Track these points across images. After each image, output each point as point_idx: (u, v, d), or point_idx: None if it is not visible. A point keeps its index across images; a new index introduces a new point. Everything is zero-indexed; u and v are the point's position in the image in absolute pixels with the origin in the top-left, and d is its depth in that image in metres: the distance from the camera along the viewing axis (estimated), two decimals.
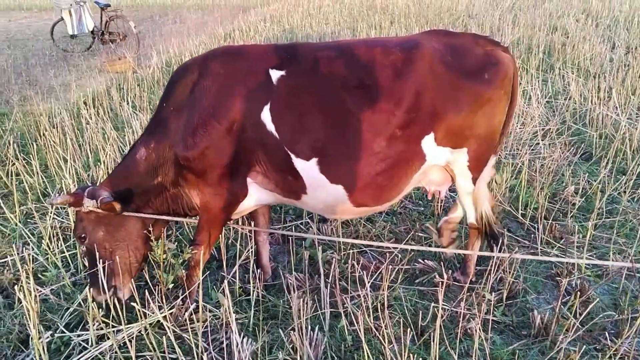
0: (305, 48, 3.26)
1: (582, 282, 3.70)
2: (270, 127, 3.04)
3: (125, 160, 3.38)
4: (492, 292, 3.62)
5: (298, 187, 3.20)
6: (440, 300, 2.97)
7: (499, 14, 14.14)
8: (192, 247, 3.38)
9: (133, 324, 3.24)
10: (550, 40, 10.80)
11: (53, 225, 4.42)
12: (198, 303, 3.22)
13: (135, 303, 3.10)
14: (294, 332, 3.11)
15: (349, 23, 14.39)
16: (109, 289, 3.29)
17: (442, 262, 4.03)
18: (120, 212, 3.20)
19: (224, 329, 3.32)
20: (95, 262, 3.28)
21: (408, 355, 2.82)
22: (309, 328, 3.20)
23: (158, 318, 3.17)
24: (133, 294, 3.24)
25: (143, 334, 3.18)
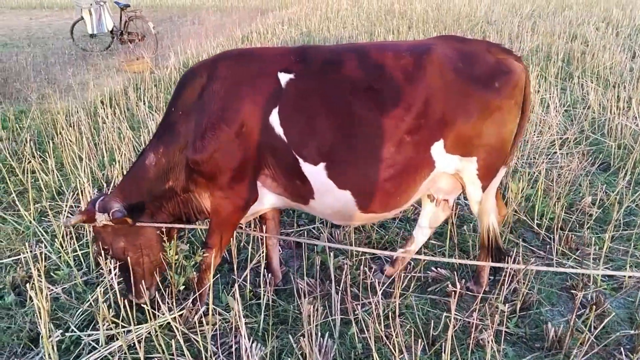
0: (315, 51, 3.24)
1: (597, 295, 3.64)
2: (279, 130, 3.03)
3: (135, 167, 3.37)
4: (505, 302, 3.57)
5: (306, 191, 3.18)
6: (453, 310, 2.93)
7: (518, 21, 14.06)
8: (203, 249, 3.38)
9: (143, 325, 3.24)
10: (570, 49, 10.70)
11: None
12: (208, 306, 3.21)
13: (146, 304, 3.10)
14: (304, 338, 3.09)
15: (367, 27, 14.37)
16: (146, 291, 3.35)
17: (455, 271, 3.98)
18: (133, 223, 3.22)
19: (234, 333, 3.31)
20: (126, 269, 3.33)
21: None
22: (319, 334, 3.18)
23: (168, 320, 3.17)
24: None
25: (152, 336, 3.18)
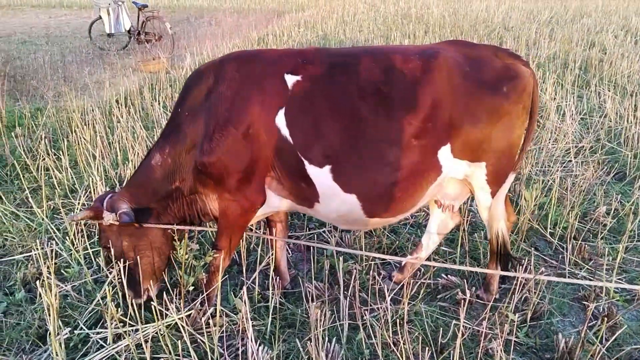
0: (322, 53, 3.23)
1: (610, 306, 3.58)
2: (285, 132, 3.02)
3: (142, 167, 3.40)
4: (515, 312, 3.53)
5: (311, 194, 3.17)
6: (462, 318, 2.90)
7: (536, 28, 13.97)
8: (213, 251, 3.38)
9: (150, 325, 3.25)
10: (587, 56, 10.61)
11: (78, 222, 4.45)
12: (216, 307, 3.21)
13: (154, 303, 3.11)
14: (311, 342, 3.07)
15: (383, 31, 14.35)
16: (144, 292, 3.42)
17: (465, 278, 3.95)
18: (140, 225, 3.27)
19: (241, 336, 3.30)
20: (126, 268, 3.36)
21: None
22: (326, 339, 3.16)
23: (175, 320, 3.17)
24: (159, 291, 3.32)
25: (159, 336, 3.18)
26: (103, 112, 7.35)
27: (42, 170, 5.28)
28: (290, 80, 3.06)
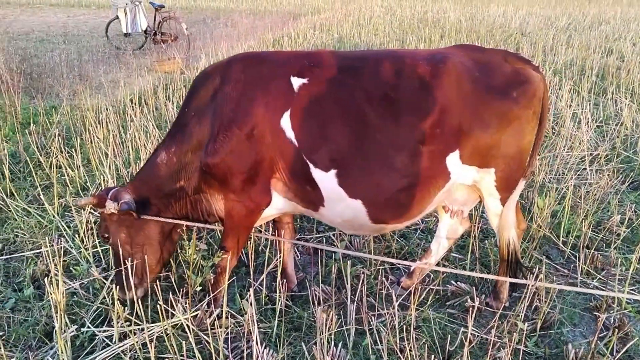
0: (329, 56, 3.20)
1: (621, 317, 3.52)
2: (290, 134, 3.01)
3: (147, 164, 3.42)
4: (525, 321, 3.49)
5: (316, 198, 3.15)
6: (470, 326, 2.87)
7: (553, 34, 13.86)
8: (221, 252, 3.37)
9: (156, 324, 3.24)
10: (605, 64, 10.50)
11: (88, 220, 4.47)
12: (222, 309, 3.20)
13: (160, 303, 3.10)
14: (317, 346, 3.05)
15: (398, 35, 14.31)
16: (129, 290, 3.36)
17: (475, 285, 3.90)
18: (138, 216, 3.27)
19: (246, 337, 3.28)
20: (118, 261, 3.38)
21: None
22: (332, 343, 3.14)
23: (181, 320, 3.16)
24: (147, 294, 3.34)
25: (164, 336, 3.17)
26: (117, 111, 7.38)
27: (54, 168, 5.31)
28: (297, 83, 3.04)
